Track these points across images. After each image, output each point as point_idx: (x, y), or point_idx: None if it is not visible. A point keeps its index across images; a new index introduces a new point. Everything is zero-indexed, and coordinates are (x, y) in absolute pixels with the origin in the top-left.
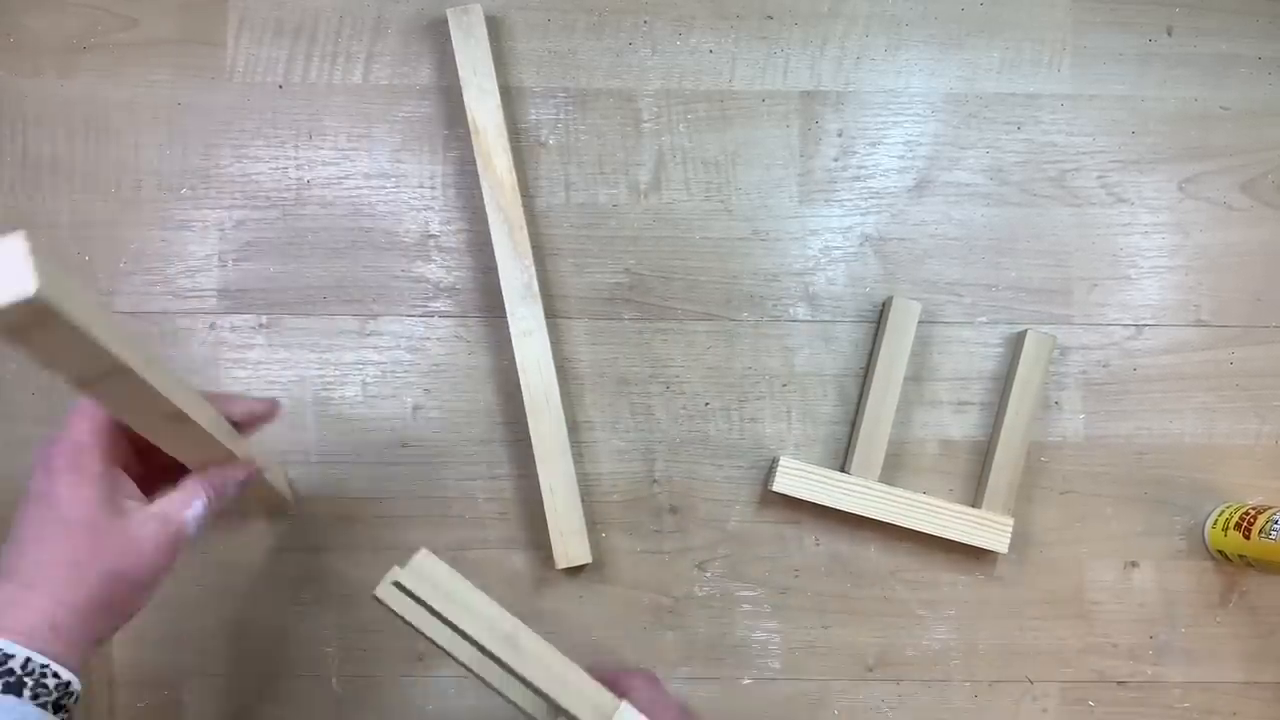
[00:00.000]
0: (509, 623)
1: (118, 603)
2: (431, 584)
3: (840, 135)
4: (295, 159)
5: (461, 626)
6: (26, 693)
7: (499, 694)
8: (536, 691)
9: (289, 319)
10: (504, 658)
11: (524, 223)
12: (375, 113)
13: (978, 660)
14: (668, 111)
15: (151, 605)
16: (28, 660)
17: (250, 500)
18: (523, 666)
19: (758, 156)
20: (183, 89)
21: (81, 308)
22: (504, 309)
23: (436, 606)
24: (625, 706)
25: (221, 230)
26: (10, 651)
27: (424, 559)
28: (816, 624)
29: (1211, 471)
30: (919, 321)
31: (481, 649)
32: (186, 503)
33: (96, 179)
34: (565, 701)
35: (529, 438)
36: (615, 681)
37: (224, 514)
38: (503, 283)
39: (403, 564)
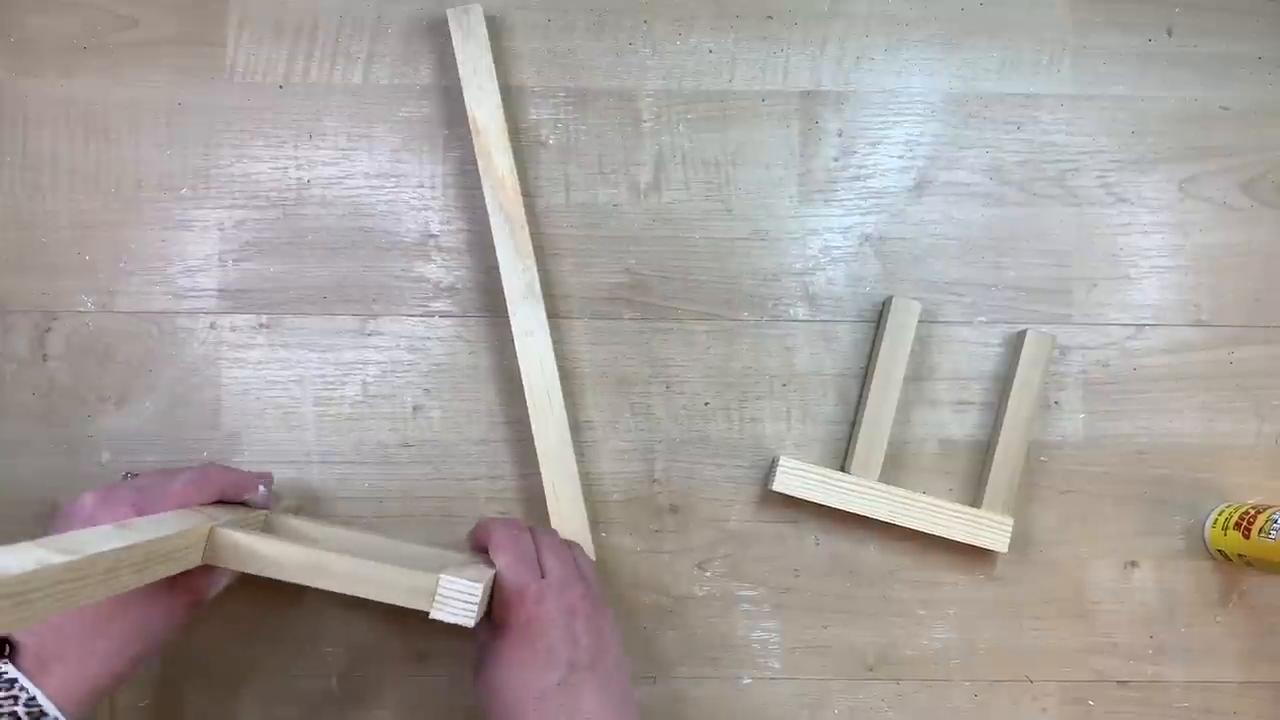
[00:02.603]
0: (306, 554)
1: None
2: (233, 549)
3: (840, 135)
4: (295, 159)
5: (273, 576)
6: None
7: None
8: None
9: (289, 319)
10: (322, 585)
11: (525, 222)
12: (375, 113)
13: (978, 660)
14: (668, 111)
15: None
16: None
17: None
18: (341, 586)
19: (758, 156)
20: (183, 89)
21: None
22: (504, 309)
23: (247, 567)
24: (443, 577)
25: (221, 230)
26: (49, 712)
27: (279, 516)
28: (816, 624)
29: (1211, 471)
30: (919, 321)
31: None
32: (218, 580)
33: (96, 179)
34: (392, 599)
35: (530, 437)
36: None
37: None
38: (504, 282)
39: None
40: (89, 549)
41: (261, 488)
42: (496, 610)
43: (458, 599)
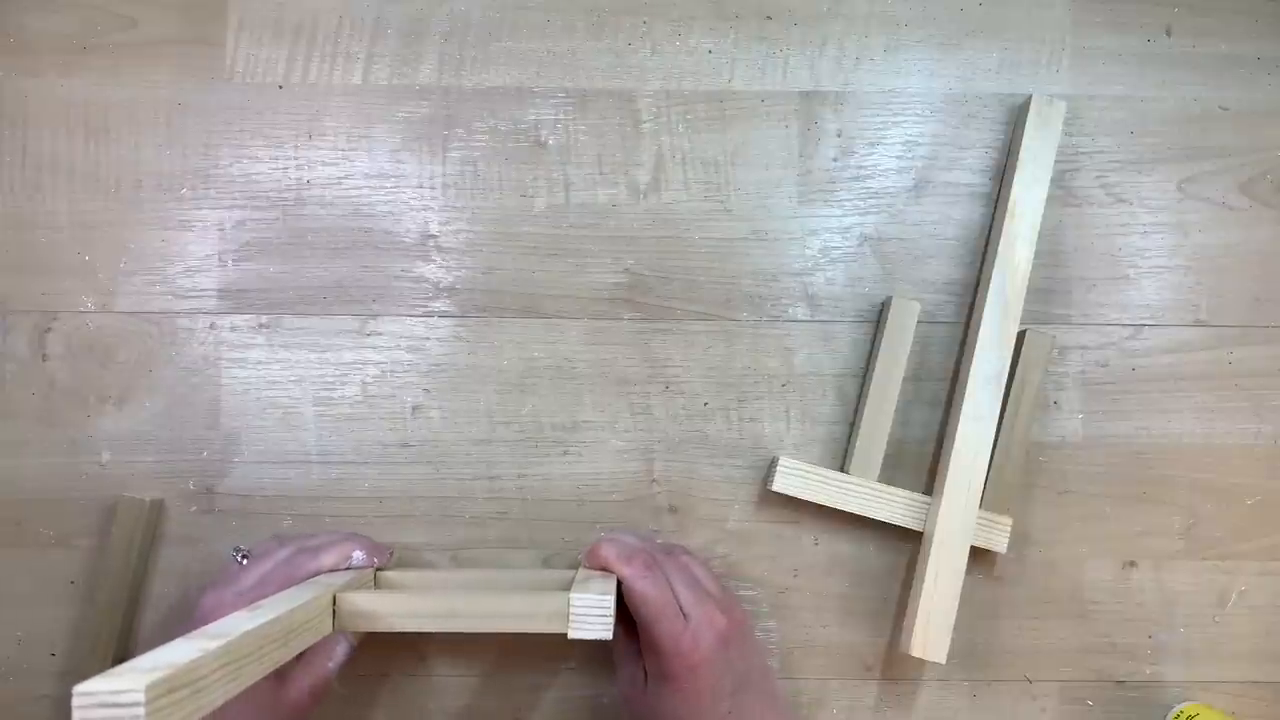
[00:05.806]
0: (435, 603)
1: None
2: (359, 613)
3: (839, 135)
4: (295, 159)
5: (401, 631)
6: None
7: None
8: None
9: (289, 319)
10: (455, 629)
11: (1019, 315)
12: (375, 113)
13: (976, 660)
14: (667, 112)
15: (153, 606)
16: None
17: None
18: (475, 626)
19: (757, 156)
20: (183, 89)
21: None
22: (504, 309)
23: (377, 627)
24: (574, 596)
25: (221, 230)
26: None
27: (348, 597)
28: (816, 624)
29: (1211, 471)
30: (918, 321)
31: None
32: (331, 653)
33: (96, 179)
34: (526, 629)
35: (529, 438)
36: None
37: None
38: (974, 364)
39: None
40: (236, 631)
41: (358, 553)
42: (651, 661)
43: (591, 614)
